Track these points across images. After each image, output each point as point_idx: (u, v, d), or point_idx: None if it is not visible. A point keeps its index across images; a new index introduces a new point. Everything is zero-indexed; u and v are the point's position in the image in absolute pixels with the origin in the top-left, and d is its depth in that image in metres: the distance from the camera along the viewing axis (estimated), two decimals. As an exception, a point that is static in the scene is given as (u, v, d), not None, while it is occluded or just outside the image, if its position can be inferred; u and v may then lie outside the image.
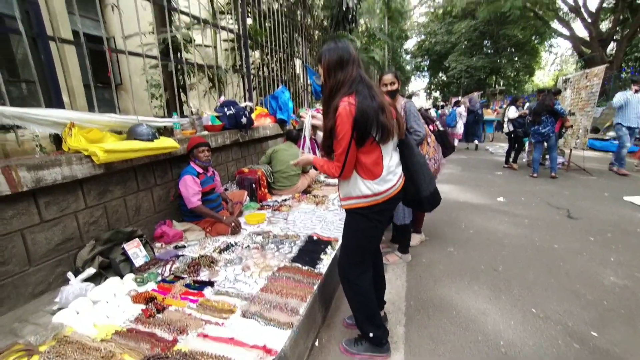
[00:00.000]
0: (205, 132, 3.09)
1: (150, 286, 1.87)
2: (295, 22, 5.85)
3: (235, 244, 2.41)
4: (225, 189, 3.36)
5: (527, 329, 1.80)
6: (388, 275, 2.42)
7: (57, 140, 2.03)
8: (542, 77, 29.70)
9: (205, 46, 4.74)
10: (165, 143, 2.38)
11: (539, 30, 20.22)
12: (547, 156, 5.74)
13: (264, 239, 2.48)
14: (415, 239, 2.93)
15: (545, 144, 5.34)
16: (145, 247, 2.18)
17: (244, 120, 3.47)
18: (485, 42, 23.44)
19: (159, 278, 1.96)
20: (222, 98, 3.58)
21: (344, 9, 6.96)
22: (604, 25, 17.13)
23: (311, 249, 2.30)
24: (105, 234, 2.06)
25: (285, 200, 3.52)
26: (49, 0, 3.71)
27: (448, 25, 23.83)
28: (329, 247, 2.34)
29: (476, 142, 9.38)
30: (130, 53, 2.56)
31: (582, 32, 17.05)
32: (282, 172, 3.75)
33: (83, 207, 2.00)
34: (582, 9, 15.49)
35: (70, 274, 1.85)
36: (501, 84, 24.22)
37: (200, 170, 2.63)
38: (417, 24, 28.53)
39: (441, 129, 2.87)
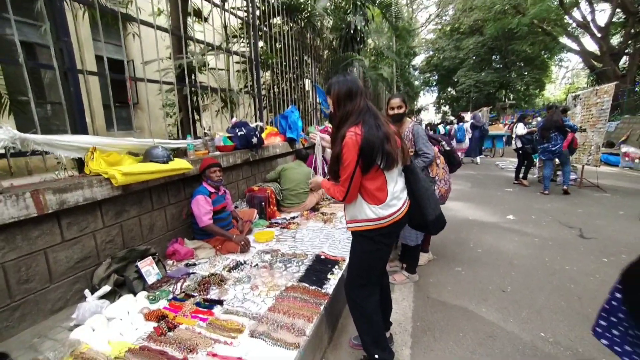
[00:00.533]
0: (218, 153, 3.22)
1: (162, 304, 1.94)
2: (305, 44, 6.07)
3: (245, 262, 2.47)
4: (236, 207, 3.45)
5: (537, 354, 1.78)
6: (395, 295, 2.43)
7: (79, 163, 2.16)
8: (554, 91, 29.47)
9: (219, 69, 4.96)
10: (179, 165, 2.49)
11: (548, 45, 20.26)
12: (559, 172, 5.67)
13: (272, 258, 2.53)
14: (423, 258, 2.93)
15: (557, 160, 5.29)
16: (158, 265, 2.26)
17: (254, 140, 3.59)
18: (494, 57, 23.59)
19: (171, 296, 2.03)
20: (234, 119, 3.72)
21: (352, 30, 7.18)
22: (615, 39, 17.06)
23: (318, 269, 2.33)
24: (121, 252, 2.16)
25: (293, 217, 3.58)
26: (78, 26, 4.00)
27: (456, 42, 24.12)
28: (337, 266, 2.37)
29: (478, 158, 9.54)
30: (149, 80, 2.73)
31: (592, 46, 16.99)
32: (291, 189, 3.83)
33: (101, 227, 2.10)
34: (591, 24, 15.50)
35: (87, 291, 1.94)
36: (511, 97, 24.15)
37: (212, 190, 2.73)
38: (425, 41, 28.98)
39: (447, 148, 2.90)
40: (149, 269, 2.18)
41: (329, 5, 6.77)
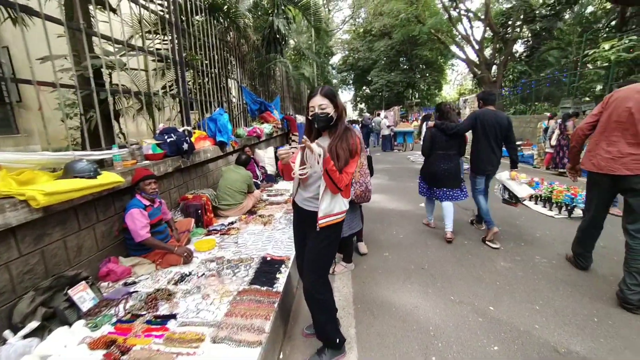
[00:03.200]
0: (147, 162, 3.03)
1: (107, 329, 1.84)
2: (229, 43, 5.94)
3: (190, 273, 2.45)
4: (169, 217, 3.31)
5: (449, 314, 2.27)
6: (336, 284, 2.73)
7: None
8: (449, 91, 34.37)
9: (133, 69, 4.53)
10: (110, 178, 2.31)
11: (443, 52, 23.60)
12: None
13: (218, 265, 2.56)
14: (363, 247, 3.32)
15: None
16: (92, 288, 2.09)
17: (185, 146, 3.47)
18: (402, 59, 26.30)
19: (115, 319, 1.92)
20: (162, 125, 3.52)
21: (275, 31, 7.28)
22: (487, 51, 20.86)
23: (266, 270, 2.47)
24: (45, 281, 1.93)
25: (232, 223, 3.60)
26: None
27: (369, 43, 26.10)
28: (283, 265, 2.54)
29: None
30: (41, 83, 2.29)
31: (473, 55, 20.45)
32: (227, 188, 3.82)
33: (16, 256, 1.85)
34: (471, 37, 18.68)
35: (7, 333, 1.71)
36: (416, 96, 27.43)
37: (147, 203, 2.60)
38: (341, 41, 30.58)
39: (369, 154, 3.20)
40: (83, 295, 2.01)
41: (251, 5, 6.72)
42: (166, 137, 3.33)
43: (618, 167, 2.36)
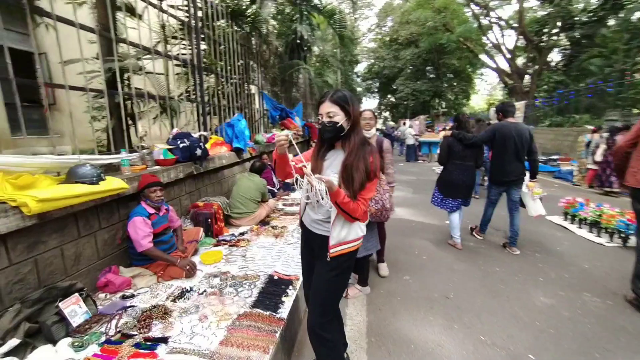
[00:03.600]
0: (157, 167, 2.93)
1: (92, 350, 1.67)
2: (251, 49, 5.90)
3: (191, 289, 2.28)
4: (179, 225, 3.19)
5: (479, 359, 1.94)
6: (349, 310, 2.46)
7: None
8: (478, 101, 33.21)
9: (157, 74, 4.55)
10: (113, 185, 2.20)
11: (472, 61, 22.82)
12: (485, 177, 6.37)
13: (221, 282, 2.37)
14: (383, 269, 3.04)
15: (483, 168, 5.93)
16: (87, 301, 1.96)
17: (198, 152, 3.36)
18: (428, 68, 25.73)
19: (103, 338, 1.76)
20: (175, 130, 3.44)
21: (298, 38, 7.20)
22: (520, 60, 19.92)
23: (272, 291, 2.25)
24: (34, 293, 1.81)
25: (243, 233, 3.43)
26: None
27: (395, 52, 25.78)
28: (290, 287, 2.31)
29: None
30: (72, 87, 2.36)
31: (505, 65, 19.61)
32: (240, 196, 3.67)
33: (6, 265, 1.75)
34: (502, 46, 17.92)
35: (-14, 349, 1.59)
36: (443, 106, 26.63)
37: (152, 211, 2.47)
38: (367, 49, 30.45)
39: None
40: (74, 309, 1.88)
41: (275, 12, 6.68)
42: (179, 142, 3.23)
43: None
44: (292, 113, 7.50)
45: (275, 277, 2.43)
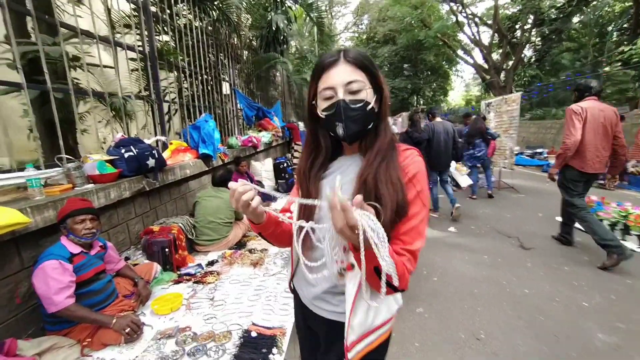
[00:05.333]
0: (90, 186, 2.19)
1: None
2: (220, 40, 5.16)
3: (131, 364, 1.58)
4: (127, 259, 2.45)
5: None
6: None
7: None
8: (455, 97, 33.63)
9: (104, 67, 3.76)
10: (2, 220, 1.47)
11: (450, 57, 22.92)
12: (480, 176, 5.96)
13: (177, 347, 1.68)
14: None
15: (480, 166, 5.51)
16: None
17: (150, 162, 2.64)
18: (406, 65, 25.63)
19: None
20: (119, 135, 2.69)
21: (274, 28, 6.53)
22: (495, 55, 20.13)
23: (248, 357, 1.60)
24: None
25: (212, 263, 2.74)
26: None
27: (372, 50, 25.50)
28: (274, 347, 1.66)
29: None
30: None
31: (482, 60, 19.75)
32: (208, 222, 2.98)
33: None
34: (479, 43, 18.05)
35: None
36: (421, 103, 26.62)
37: (77, 250, 1.74)
38: (344, 48, 30.03)
39: None
40: None
41: (246, -1, 5.98)
42: (123, 150, 2.50)
43: None
44: (270, 113, 6.82)
45: (254, 334, 1.77)
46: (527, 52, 18.85)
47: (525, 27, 16.63)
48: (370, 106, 0.78)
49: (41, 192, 1.88)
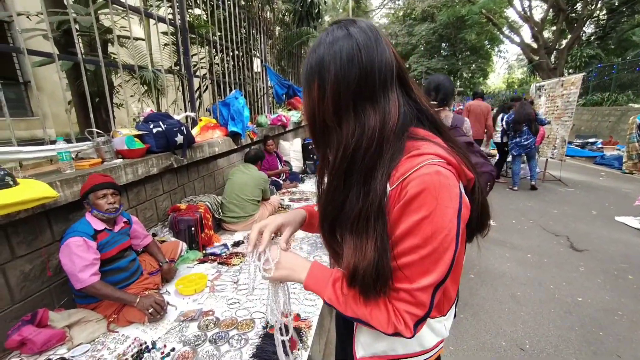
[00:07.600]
0: (119, 161, 2.16)
1: None
2: (252, 14, 4.97)
3: (154, 345, 1.55)
4: (154, 235, 2.45)
5: None
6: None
7: None
8: (495, 80, 31.34)
9: (135, 39, 3.72)
10: (28, 194, 1.44)
11: (493, 35, 21.13)
12: (522, 165, 5.47)
13: (199, 332, 1.64)
14: None
15: (524, 154, 5.03)
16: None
17: (179, 138, 2.58)
18: (443, 44, 24.05)
19: None
20: (147, 110, 2.65)
21: (308, 2, 6.20)
22: (546, 34, 18.24)
23: (271, 350, 1.51)
24: None
25: (237, 243, 2.69)
26: None
27: (409, 27, 24.11)
28: (299, 342, 1.57)
29: None
30: (32, 52, 1.57)
31: (529, 40, 18.01)
32: (234, 197, 2.92)
33: None
34: (529, 19, 16.35)
35: None
36: (458, 85, 25.05)
37: (101, 227, 1.72)
38: (379, 25, 28.62)
39: None
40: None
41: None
42: (152, 126, 2.45)
43: None
44: (300, 91, 6.61)
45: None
46: (587, 29, 16.88)
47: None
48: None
49: (71, 166, 1.87)
